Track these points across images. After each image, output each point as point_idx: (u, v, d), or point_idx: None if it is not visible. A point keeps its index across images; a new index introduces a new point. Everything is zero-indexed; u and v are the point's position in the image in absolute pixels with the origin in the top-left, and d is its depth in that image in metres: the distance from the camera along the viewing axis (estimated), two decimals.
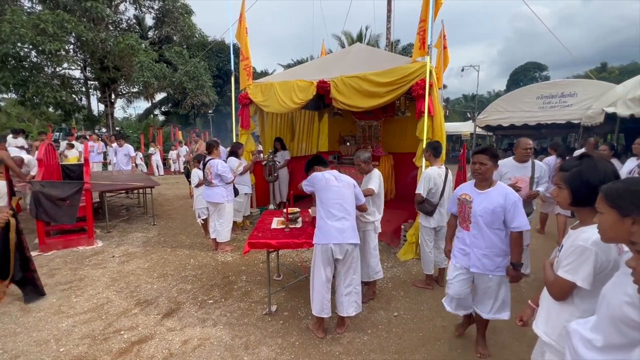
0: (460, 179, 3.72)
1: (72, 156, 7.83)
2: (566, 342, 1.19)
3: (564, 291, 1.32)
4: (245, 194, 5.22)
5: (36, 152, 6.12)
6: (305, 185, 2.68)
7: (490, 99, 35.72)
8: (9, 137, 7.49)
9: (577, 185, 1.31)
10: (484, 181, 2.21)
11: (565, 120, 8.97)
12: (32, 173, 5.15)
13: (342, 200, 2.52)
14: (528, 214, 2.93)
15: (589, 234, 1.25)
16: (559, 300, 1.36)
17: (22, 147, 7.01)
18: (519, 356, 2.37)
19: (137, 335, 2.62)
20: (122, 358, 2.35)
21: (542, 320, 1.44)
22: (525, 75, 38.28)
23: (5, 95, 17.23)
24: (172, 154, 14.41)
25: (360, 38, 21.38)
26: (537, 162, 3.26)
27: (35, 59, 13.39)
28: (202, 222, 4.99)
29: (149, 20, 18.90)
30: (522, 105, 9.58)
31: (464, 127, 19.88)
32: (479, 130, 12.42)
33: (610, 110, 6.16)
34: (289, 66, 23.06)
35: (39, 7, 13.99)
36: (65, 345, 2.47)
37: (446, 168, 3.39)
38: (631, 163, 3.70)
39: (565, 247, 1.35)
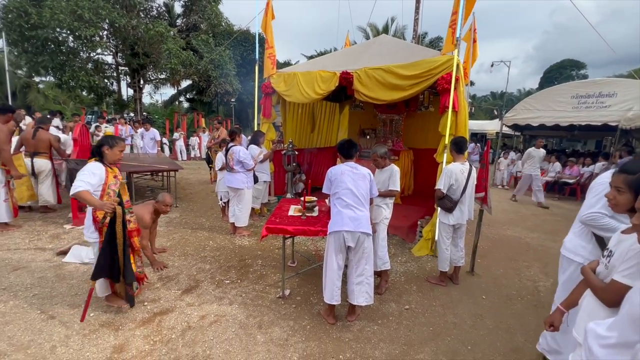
0: (482, 177, 3.62)
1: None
2: (583, 342, 1.18)
3: (619, 296, 1.26)
4: (265, 181, 5.33)
5: (70, 132, 6.51)
6: (325, 185, 2.73)
7: (520, 97, 34.08)
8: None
9: None
10: None
11: (602, 122, 8.42)
12: (68, 152, 5.47)
13: (356, 190, 2.54)
14: None
15: None
16: (612, 306, 1.29)
17: (57, 127, 7.45)
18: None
19: (159, 307, 2.78)
20: (144, 326, 2.52)
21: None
22: (560, 73, 36.09)
23: (44, 78, 18.28)
24: (193, 140, 14.81)
25: (385, 30, 20.86)
26: None
27: (72, 44, 14.05)
28: (223, 204, 5.15)
29: (178, 8, 19.33)
30: (554, 104, 9.08)
31: (490, 126, 19.08)
32: (505, 129, 11.93)
33: None
34: (312, 57, 22.93)
35: None
36: (95, 311, 2.67)
37: (470, 164, 3.32)
38: None
39: (621, 251, 1.30)
